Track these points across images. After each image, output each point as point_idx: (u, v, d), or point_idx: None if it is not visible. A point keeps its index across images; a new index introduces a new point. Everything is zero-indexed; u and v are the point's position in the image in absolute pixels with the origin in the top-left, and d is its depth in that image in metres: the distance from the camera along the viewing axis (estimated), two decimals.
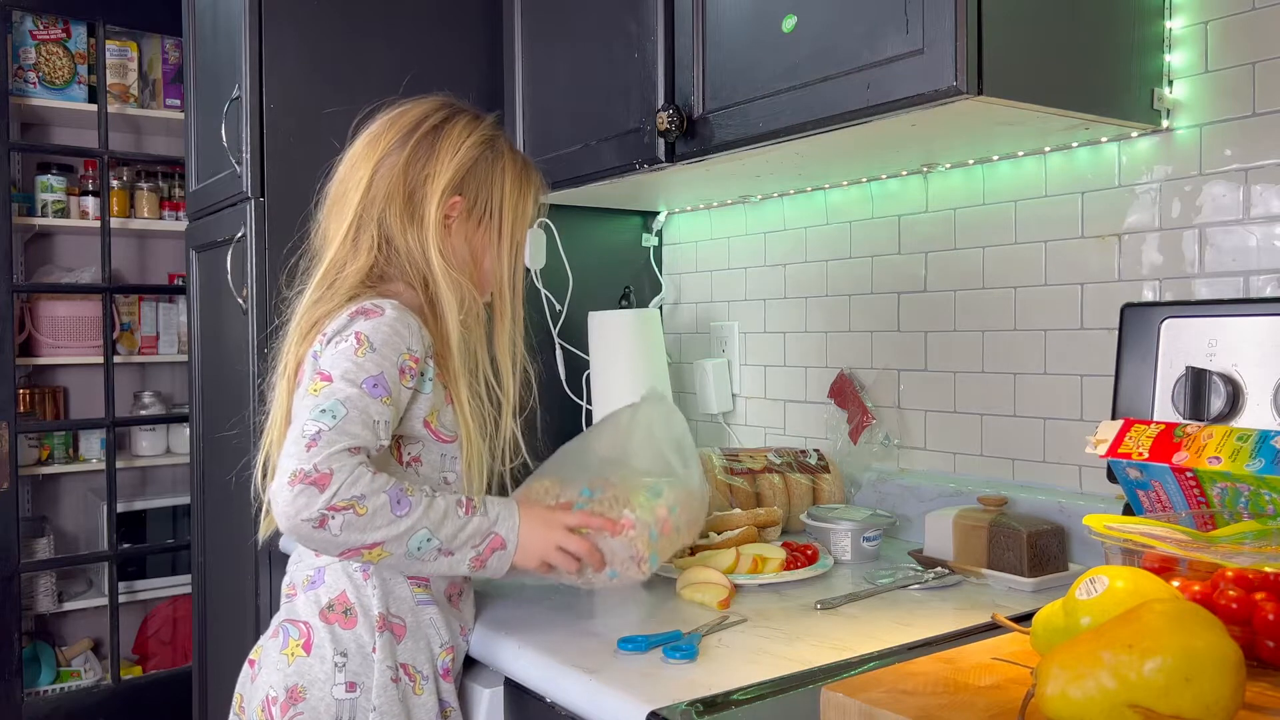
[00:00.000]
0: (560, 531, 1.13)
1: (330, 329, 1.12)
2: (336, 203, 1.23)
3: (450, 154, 1.21)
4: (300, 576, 1.15)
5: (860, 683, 0.80)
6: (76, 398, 3.19)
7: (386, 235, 1.19)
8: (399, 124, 1.22)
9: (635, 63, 1.57)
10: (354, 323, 1.10)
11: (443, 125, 1.22)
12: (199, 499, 2.27)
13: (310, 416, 1.03)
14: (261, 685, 1.11)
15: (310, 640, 1.09)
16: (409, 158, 1.20)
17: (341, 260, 1.19)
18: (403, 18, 1.96)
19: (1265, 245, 1.23)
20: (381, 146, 1.21)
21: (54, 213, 2.98)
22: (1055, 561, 1.32)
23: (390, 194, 1.19)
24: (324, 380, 1.06)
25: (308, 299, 1.19)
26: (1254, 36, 1.24)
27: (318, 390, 1.05)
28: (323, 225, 1.25)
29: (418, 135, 1.20)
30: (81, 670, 3.01)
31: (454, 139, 1.21)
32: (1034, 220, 1.48)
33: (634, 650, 1.06)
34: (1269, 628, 0.83)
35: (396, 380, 1.09)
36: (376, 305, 1.11)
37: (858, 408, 1.73)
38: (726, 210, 2.04)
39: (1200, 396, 1.16)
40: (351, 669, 1.08)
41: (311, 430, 1.01)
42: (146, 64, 3.13)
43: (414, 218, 1.19)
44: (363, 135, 1.24)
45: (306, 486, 0.99)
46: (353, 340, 1.08)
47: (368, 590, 1.11)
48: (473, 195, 1.22)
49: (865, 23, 1.20)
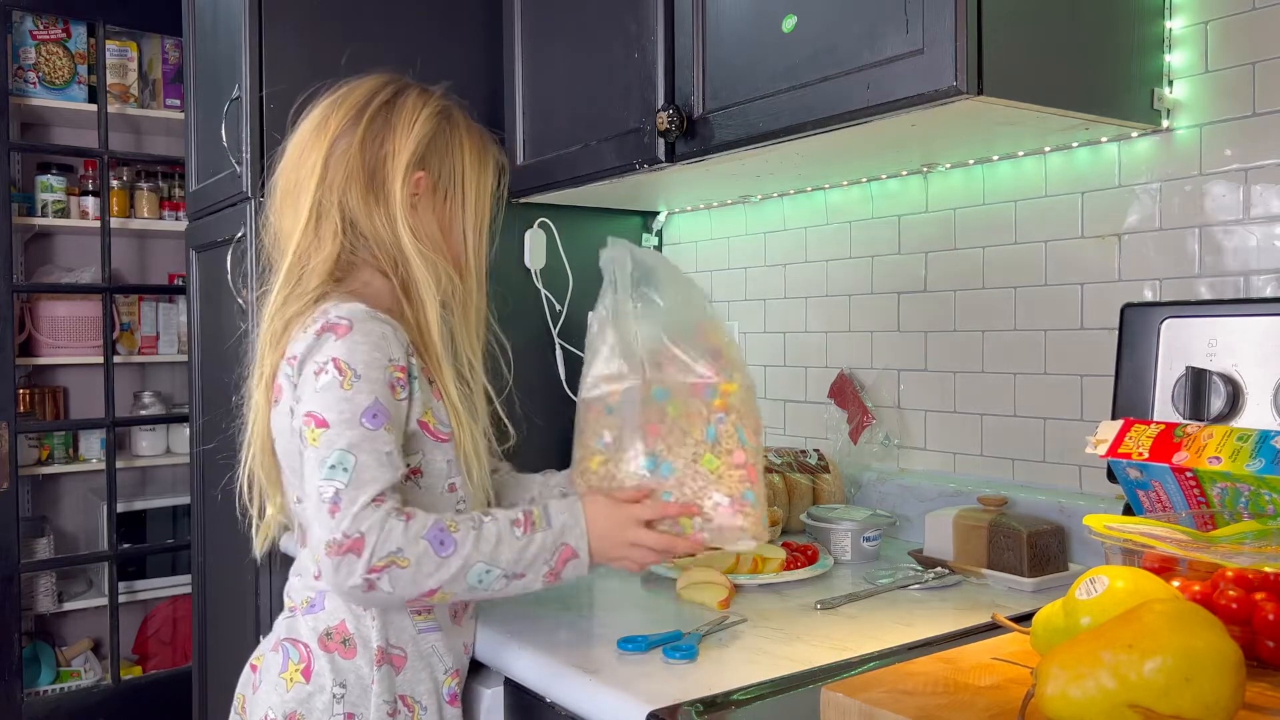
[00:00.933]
0: (632, 529, 1.08)
1: (299, 349, 1.06)
2: (289, 194, 1.16)
3: (407, 129, 1.15)
4: (301, 596, 1.13)
5: (860, 683, 0.80)
6: (76, 398, 3.19)
7: (351, 219, 1.13)
8: (346, 104, 1.16)
9: (635, 62, 1.56)
10: (323, 343, 1.04)
11: (394, 100, 1.16)
12: (199, 499, 2.27)
13: (322, 476, 0.99)
14: (261, 702, 1.10)
15: (310, 667, 1.08)
16: (364, 137, 1.14)
17: (304, 252, 1.13)
18: (403, 18, 1.96)
19: (1265, 245, 1.23)
20: (331, 129, 1.14)
21: (54, 213, 2.98)
22: (1055, 561, 1.32)
23: (349, 176, 1.13)
24: (319, 426, 1.00)
25: (275, 299, 1.13)
26: (1254, 36, 1.24)
27: (317, 440, 1.00)
28: (275, 221, 1.18)
29: (369, 112, 1.15)
30: (81, 670, 3.01)
31: (409, 112, 1.16)
32: (1034, 220, 1.48)
33: (634, 651, 1.06)
34: (1269, 628, 0.83)
35: (390, 399, 1.04)
36: (342, 319, 1.05)
37: (858, 408, 1.72)
38: (726, 210, 2.04)
39: (1200, 396, 1.16)
40: (350, 700, 1.06)
41: (329, 494, 0.98)
42: (146, 64, 3.13)
43: (379, 199, 1.13)
44: (306, 120, 1.18)
45: (343, 556, 0.97)
46: (334, 372, 1.02)
47: (367, 621, 1.08)
48: (436, 169, 1.17)
49: (865, 23, 1.20)
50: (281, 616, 1.16)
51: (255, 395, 1.14)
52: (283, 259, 1.15)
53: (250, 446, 1.16)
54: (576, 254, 2.02)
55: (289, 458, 1.11)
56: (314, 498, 0.99)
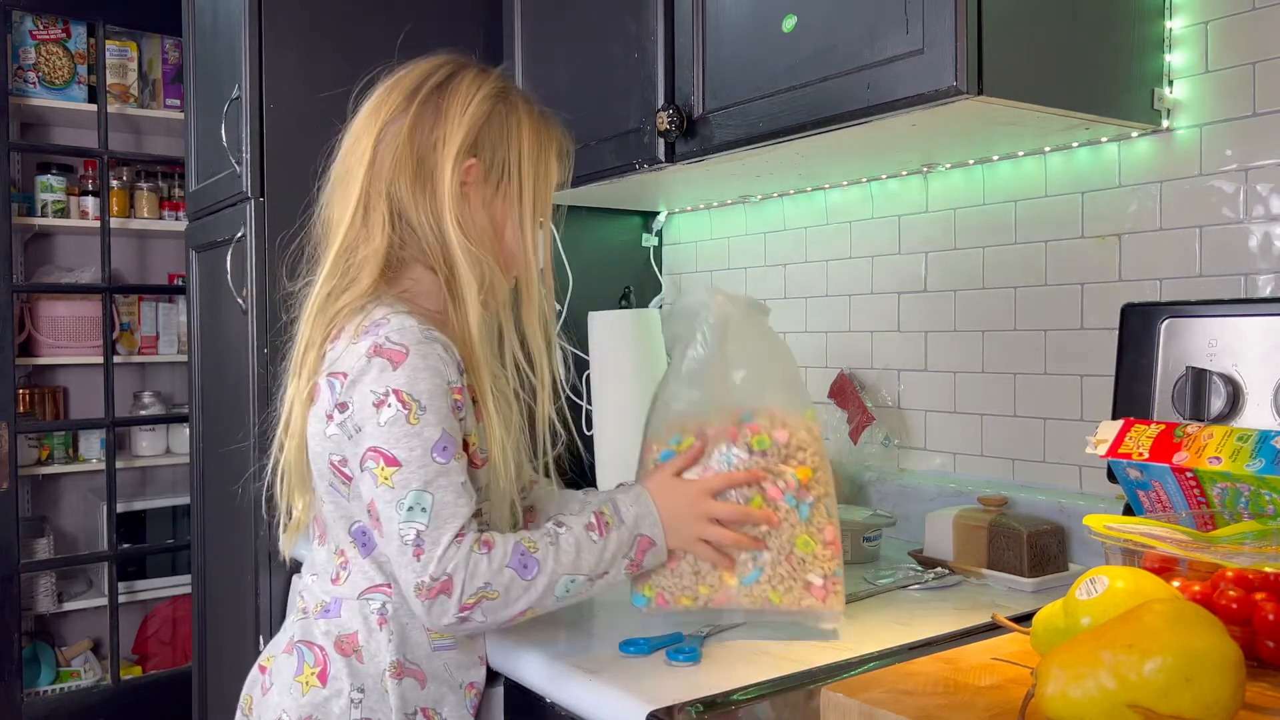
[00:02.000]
0: (702, 501, 1.06)
1: (348, 366, 1.02)
2: (340, 182, 1.12)
3: (460, 112, 1.09)
4: (316, 599, 1.11)
5: (860, 683, 0.80)
6: (76, 398, 3.19)
7: (399, 210, 1.08)
8: (400, 87, 1.11)
9: (635, 62, 1.56)
10: (377, 369, 1.00)
11: (447, 82, 1.10)
12: (199, 499, 2.27)
13: (402, 519, 0.98)
14: (273, 705, 1.08)
15: (327, 671, 1.06)
16: (414, 121, 1.08)
17: (352, 243, 1.08)
18: (402, 18, 1.96)
19: (1265, 245, 1.23)
20: (383, 114, 1.10)
21: (54, 213, 2.98)
22: (1055, 561, 1.32)
23: (398, 163, 1.08)
24: (390, 465, 0.98)
25: (319, 290, 1.09)
26: (1254, 36, 1.24)
27: (390, 480, 0.98)
28: (325, 209, 1.14)
29: (421, 95, 1.09)
30: (81, 670, 3.01)
31: (462, 95, 1.10)
32: (1034, 220, 1.48)
33: (636, 654, 1.06)
34: (1269, 628, 0.83)
35: (454, 425, 1.02)
36: (395, 344, 1.00)
37: (858, 408, 1.72)
38: (726, 210, 2.04)
39: (1200, 396, 1.16)
40: (369, 705, 1.06)
41: (410, 536, 0.98)
42: (146, 64, 3.13)
43: (425, 188, 1.08)
44: (363, 107, 1.13)
45: (435, 598, 0.97)
46: (397, 405, 0.99)
47: (381, 636, 1.06)
48: (488, 156, 1.10)
49: (865, 23, 1.20)
50: (294, 618, 1.15)
51: (291, 388, 1.11)
52: (328, 249, 1.11)
53: (286, 445, 1.12)
54: (577, 254, 2.01)
55: (319, 460, 1.09)
56: (395, 540, 0.99)
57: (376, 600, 1.08)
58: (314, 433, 1.09)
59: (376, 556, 1.08)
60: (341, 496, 1.08)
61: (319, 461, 1.09)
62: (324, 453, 1.07)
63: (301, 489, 1.14)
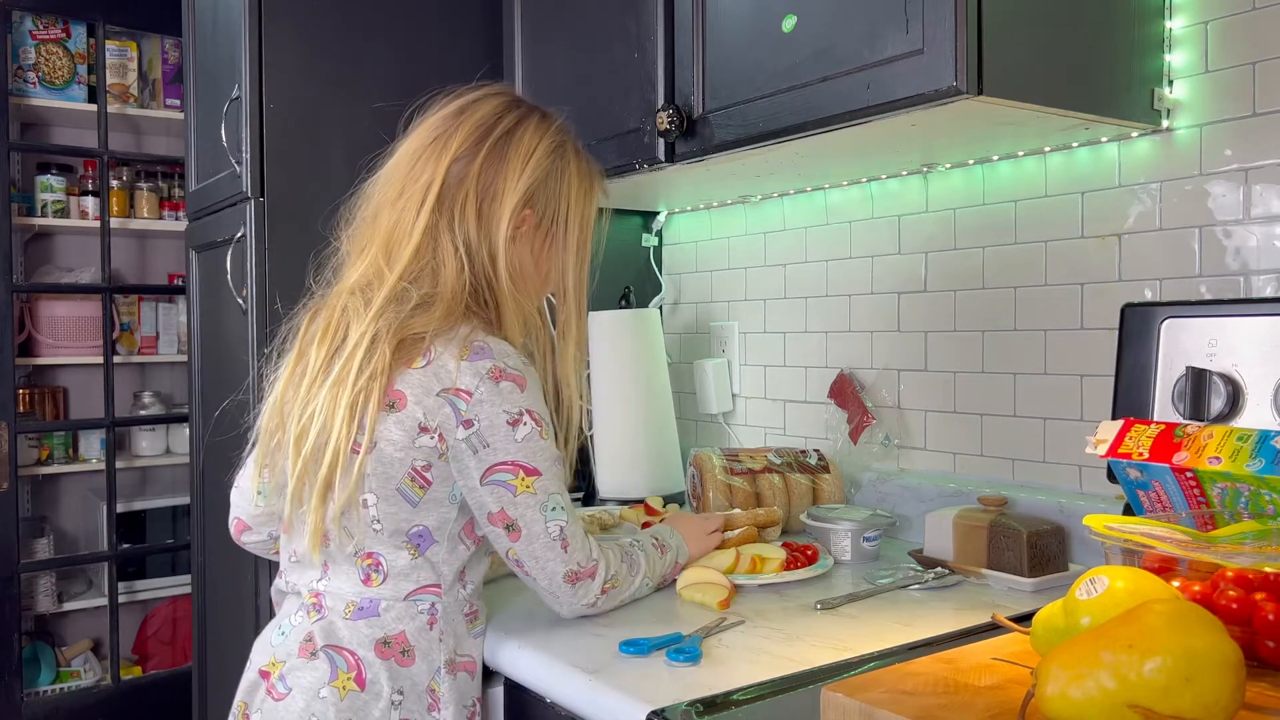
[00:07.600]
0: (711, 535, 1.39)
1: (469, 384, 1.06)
2: (394, 201, 1.15)
3: (521, 164, 1.15)
4: (345, 601, 1.10)
5: (860, 683, 0.80)
6: (76, 398, 3.19)
7: (463, 246, 1.13)
8: (469, 124, 1.15)
9: (635, 62, 1.57)
10: (506, 392, 1.07)
11: (514, 130, 1.16)
12: (199, 499, 2.27)
13: (548, 518, 1.11)
14: (297, 712, 1.05)
15: (363, 675, 1.06)
16: (482, 166, 1.14)
17: (422, 269, 1.11)
18: (403, 18, 1.96)
19: (1265, 245, 1.23)
20: (453, 148, 1.14)
21: (54, 213, 2.98)
22: (1055, 561, 1.32)
23: (465, 201, 1.13)
24: (530, 475, 1.09)
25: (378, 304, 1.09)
26: (1254, 36, 1.24)
27: (532, 488, 1.09)
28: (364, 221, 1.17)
29: (491, 140, 1.15)
30: (81, 670, 3.01)
31: (525, 147, 1.16)
32: (1034, 220, 1.48)
33: (636, 654, 1.06)
34: (1269, 628, 0.83)
35: None
36: (514, 369, 1.09)
37: (858, 408, 1.72)
38: (726, 210, 2.04)
39: (1200, 396, 1.16)
40: (409, 707, 1.07)
41: (556, 532, 1.11)
42: (146, 64, 3.13)
43: (483, 229, 1.13)
44: (423, 127, 1.17)
45: (581, 582, 1.14)
46: (531, 424, 1.09)
47: (433, 636, 1.10)
48: (541, 208, 1.18)
49: (865, 23, 1.20)
50: (308, 620, 1.11)
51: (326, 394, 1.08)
52: (392, 260, 1.12)
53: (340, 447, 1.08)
54: None
55: (395, 465, 1.07)
56: (541, 537, 1.11)
57: (425, 600, 1.10)
58: (394, 439, 1.07)
59: (430, 556, 1.11)
60: (407, 502, 1.09)
61: (395, 468, 1.07)
62: (406, 460, 1.07)
63: (324, 496, 1.08)
